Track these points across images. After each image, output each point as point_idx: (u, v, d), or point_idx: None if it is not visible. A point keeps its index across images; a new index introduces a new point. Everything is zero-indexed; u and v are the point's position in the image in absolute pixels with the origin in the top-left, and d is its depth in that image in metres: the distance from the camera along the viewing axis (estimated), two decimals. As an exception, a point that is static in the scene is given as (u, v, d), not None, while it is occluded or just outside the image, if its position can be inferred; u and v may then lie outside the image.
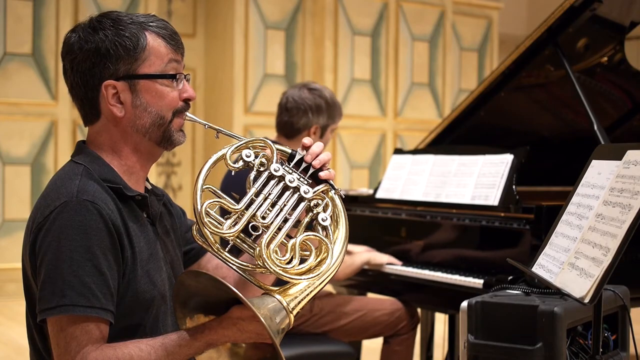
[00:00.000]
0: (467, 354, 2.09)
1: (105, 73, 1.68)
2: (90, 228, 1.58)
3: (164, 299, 1.72)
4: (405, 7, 8.31)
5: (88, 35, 1.69)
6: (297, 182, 1.72)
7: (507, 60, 3.51)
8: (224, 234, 1.62)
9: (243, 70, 7.44)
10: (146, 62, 1.69)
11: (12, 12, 6.44)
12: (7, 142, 6.42)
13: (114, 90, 1.69)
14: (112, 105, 1.69)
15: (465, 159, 3.31)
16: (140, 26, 1.70)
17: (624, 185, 1.92)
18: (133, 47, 1.68)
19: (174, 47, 1.74)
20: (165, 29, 1.73)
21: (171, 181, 7.81)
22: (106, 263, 1.58)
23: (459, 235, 3.16)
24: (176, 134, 1.76)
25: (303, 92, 3.22)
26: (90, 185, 1.63)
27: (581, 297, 1.85)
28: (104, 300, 1.57)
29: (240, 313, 1.59)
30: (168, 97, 1.72)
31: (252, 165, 1.72)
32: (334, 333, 3.20)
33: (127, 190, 1.69)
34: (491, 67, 8.87)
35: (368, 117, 8.15)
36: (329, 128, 3.26)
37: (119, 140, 1.72)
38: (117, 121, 1.71)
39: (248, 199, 1.67)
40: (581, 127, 3.55)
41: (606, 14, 3.40)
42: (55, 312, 1.55)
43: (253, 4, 7.49)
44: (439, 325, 3.77)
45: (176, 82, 1.74)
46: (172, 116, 1.73)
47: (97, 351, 1.54)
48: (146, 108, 1.70)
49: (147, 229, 1.73)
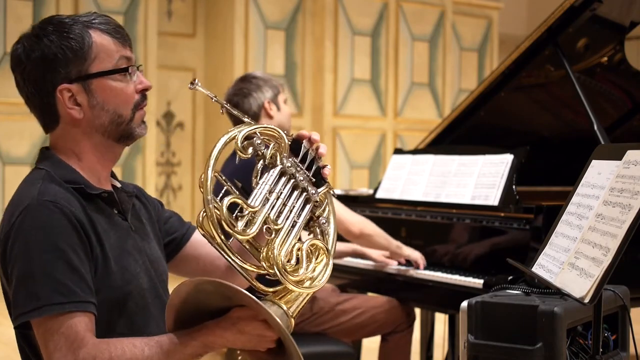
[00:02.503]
0: (467, 354, 2.09)
1: (57, 78, 1.67)
2: (55, 227, 1.57)
3: (142, 293, 1.70)
4: (405, 7, 8.31)
5: (33, 44, 1.67)
6: (306, 182, 1.69)
7: (507, 60, 3.51)
8: (239, 235, 1.58)
9: (243, 70, 7.44)
10: (96, 61, 1.68)
11: (12, 12, 6.44)
12: (7, 142, 6.42)
13: (69, 93, 1.68)
14: (70, 109, 1.69)
15: (465, 159, 3.30)
16: (84, 25, 1.69)
17: (624, 185, 1.92)
18: (80, 47, 1.67)
19: (121, 41, 1.72)
20: (109, 24, 1.72)
21: (171, 181, 7.81)
22: (77, 258, 1.57)
23: (459, 235, 3.16)
24: (137, 129, 1.75)
25: (232, 87, 3.30)
26: (51, 188, 1.62)
27: (581, 297, 1.85)
28: (82, 294, 1.55)
29: (240, 313, 1.57)
30: (123, 93, 1.71)
31: (261, 155, 1.67)
32: (333, 331, 3.21)
33: (90, 189, 1.68)
34: (491, 67, 8.87)
35: (368, 117, 8.15)
36: (279, 98, 3.28)
37: (80, 141, 1.72)
38: (76, 123, 1.70)
39: (263, 197, 1.62)
40: (581, 127, 3.55)
41: (606, 14, 3.40)
42: (34, 315, 1.54)
43: (253, 4, 7.49)
44: (439, 325, 3.77)
45: (129, 76, 1.72)
46: (131, 113, 1.72)
47: (89, 346, 1.53)
48: (103, 107, 1.69)
49: (119, 225, 1.72)
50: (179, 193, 7.88)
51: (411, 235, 3.30)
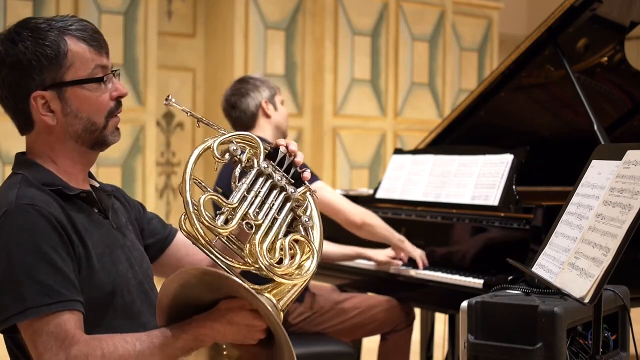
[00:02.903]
0: (467, 354, 2.09)
1: (31, 84, 1.67)
2: (35, 229, 1.57)
3: (128, 288, 1.70)
4: (405, 7, 8.30)
5: (8, 48, 1.67)
6: (283, 181, 1.71)
7: (507, 60, 3.51)
8: (219, 229, 1.59)
9: (243, 70, 7.43)
10: (71, 69, 1.68)
11: (12, 12, 6.44)
12: (7, 142, 6.42)
13: (43, 100, 1.68)
14: (44, 115, 1.68)
15: (465, 159, 3.31)
16: (59, 32, 1.68)
17: (624, 185, 1.92)
18: (55, 55, 1.66)
19: (97, 48, 1.71)
20: (85, 31, 1.70)
21: (171, 181, 7.81)
22: (60, 259, 1.57)
23: (459, 235, 3.16)
24: (111, 137, 1.75)
25: (230, 88, 3.37)
26: (29, 191, 1.63)
27: (581, 297, 1.85)
28: (67, 293, 1.55)
29: (229, 304, 1.58)
30: (97, 102, 1.70)
31: (238, 160, 1.70)
32: (333, 331, 3.22)
33: (68, 190, 1.68)
34: (491, 67, 8.86)
35: (368, 117, 8.15)
36: (276, 98, 3.33)
37: (54, 147, 1.72)
38: (50, 130, 1.70)
39: (241, 195, 1.64)
40: (581, 127, 3.55)
41: (606, 14, 3.40)
42: (21, 318, 1.54)
43: (253, 4, 7.49)
44: (439, 325, 3.77)
45: (104, 84, 1.72)
46: (105, 121, 1.72)
47: (80, 343, 1.53)
48: (77, 114, 1.69)
49: (101, 223, 1.72)
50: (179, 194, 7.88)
51: (411, 235, 3.30)
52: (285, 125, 3.36)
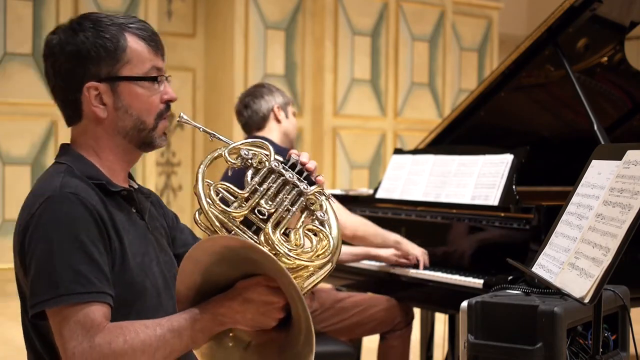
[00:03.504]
0: (467, 354, 2.09)
1: (87, 75, 1.68)
2: (76, 218, 1.58)
3: (156, 291, 1.71)
4: (405, 7, 8.31)
5: (69, 37, 1.69)
6: (295, 178, 1.72)
7: (507, 60, 3.52)
8: (232, 212, 1.62)
9: (243, 70, 7.44)
10: (127, 65, 1.70)
11: (12, 12, 6.44)
12: (7, 142, 6.42)
13: (96, 91, 1.69)
14: (95, 107, 1.70)
15: (465, 159, 3.31)
16: (120, 28, 1.70)
17: (624, 185, 1.92)
18: (114, 48, 1.68)
19: (154, 49, 1.74)
20: (145, 30, 1.73)
21: (171, 181, 7.82)
22: (96, 250, 1.59)
23: (459, 235, 3.16)
24: (158, 139, 1.77)
25: (249, 90, 3.49)
26: (72, 181, 1.64)
27: (581, 297, 1.85)
28: (99, 285, 1.57)
29: (245, 283, 1.58)
30: (149, 101, 1.73)
31: (250, 164, 1.71)
32: (333, 329, 3.23)
33: (111, 186, 1.70)
34: (491, 67, 8.87)
35: (368, 117, 8.15)
36: (289, 107, 3.43)
37: (101, 140, 1.73)
38: (99, 122, 1.72)
39: (252, 187, 1.66)
40: (581, 127, 3.55)
41: (606, 14, 3.40)
42: (51, 304, 1.55)
43: (253, 4, 7.49)
44: (439, 325, 3.77)
45: (157, 85, 1.74)
46: (154, 122, 1.74)
47: (104, 331, 1.54)
48: (127, 110, 1.71)
49: (138, 223, 1.74)
50: (179, 193, 7.88)
51: (411, 235, 3.30)
52: (294, 135, 3.46)
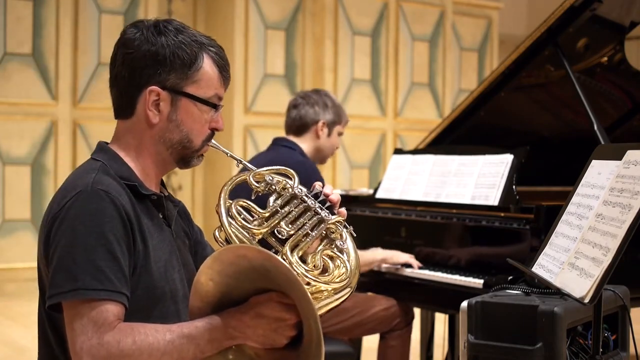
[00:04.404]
0: (467, 354, 2.09)
1: (154, 78, 1.70)
2: (104, 215, 1.59)
3: (174, 299, 1.72)
4: (405, 7, 8.31)
5: (151, 36, 1.70)
6: (317, 207, 1.74)
7: (507, 60, 3.52)
8: (252, 229, 1.65)
9: (243, 70, 7.44)
10: (195, 84, 1.72)
11: (12, 12, 6.44)
12: (7, 142, 6.42)
13: (157, 97, 1.71)
14: (150, 110, 1.71)
15: (465, 159, 3.31)
16: (201, 47, 1.73)
17: (624, 185, 1.92)
18: (190, 63, 1.70)
19: (224, 79, 1.77)
20: (222, 59, 1.76)
21: (171, 181, 7.82)
22: (119, 249, 1.59)
23: (459, 235, 3.16)
24: (196, 160, 1.79)
25: (310, 92, 3.47)
26: (105, 179, 1.65)
27: (581, 297, 1.85)
28: (118, 284, 1.57)
29: (258, 298, 1.59)
30: (200, 124, 1.75)
31: (273, 190, 1.74)
32: (333, 330, 3.23)
33: (143, 189, 1.71)
34: (491, 67, 8.87)
35: (368, 117, 8.15)
36: (336, 128, 3.45)
37: (144, 143, 1.75)
38: (149, 126, 1.73)
39: (273, 208, 1.69)
40: (581, 127, 3.55)
41: (606, 14, 3.40)
42: (68, 297, 1.55)
43: (253, 4, 7.49)
44: (439, 325, 3.77)
45: (214, 112, 1.77)
46: (201, 144, 1.77)
47: (114, 330, 1.55)
48: (179, 125, 1.73)
49: (163, 229, 1.75)
50: (179, 193, 7.88)
51: (411, 235, 3.30)
52: (328, 154, 3.48)
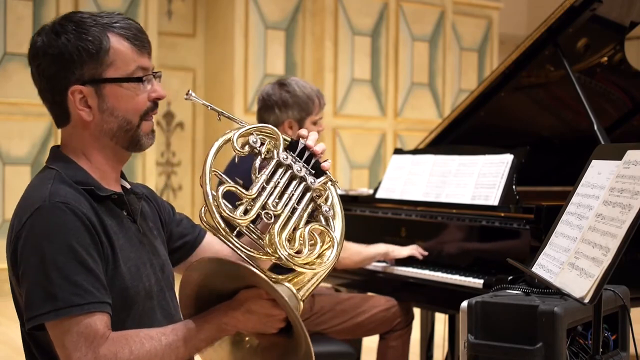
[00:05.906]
0: (467, 354, 2.09)
1: (70, 78, 1.67)
2: (67, 228, 1.57)
3: (149, 295, 1.71)
4: (405, 7, 8.31)
5: (51, 40, 1.67)
6: (303, 171, 1.72)
7: (507, 60, 3.52)
8: (238, 219, 1.61)
9: (243, 70, 7.44)
10: (111, 66, 1.68)
11: (12, 12, 6.44)
12: (7, 142, 6.42)
13: (81, 94, 1.68)
14: (80, 110, 1.69)
15: (465, 159, 3.31)
16: (103, 28, 1.68)
17: (624, 185, 1.92)
18: (96, 51, 1.66)
19: (140, 48, 1.71)
20: (129, 29, 1.70)
21: (171, 181, 7.82)
22: (91, 259, 1.58)
23: (459, 235, 3.16)
24: (144, 139, 1.74)
25: (272, 89, 3.16)
26: (62, 189, 1.63)
27: (581, 297, 1.85)
28: (98, 294, 1.56)
29: (247, 294, 1.60)
30: (134, 101, 1.70)
31: (258, 152, 1.71)
32: (333, 331, 3.23)
33: (100, 191, 1.69)
34: (491, 67, 8.87)
35: (368, 117, 8.15)
36: (307, 120, 3.14)
37: (89, 143, 1.72)
38: (85, 125, 1.71)
39: (259, 186, 1.65)
40: (581, 127, 3.55)
41: (606, 14, 3.40)
42: (51, 317, 1.54)
43: (253, 4, 7.49)
44: (439, 325, 3.77)
45: (143, 85, 1.72)
46: (139, 120, 1.72)
47: (108, 342, 1.54)
48: (113, 112, 1.69)
49: (129, 227, 1.73)
50: (179, 193, 7.88)
51: (411, 235, 3.30)
52: None
